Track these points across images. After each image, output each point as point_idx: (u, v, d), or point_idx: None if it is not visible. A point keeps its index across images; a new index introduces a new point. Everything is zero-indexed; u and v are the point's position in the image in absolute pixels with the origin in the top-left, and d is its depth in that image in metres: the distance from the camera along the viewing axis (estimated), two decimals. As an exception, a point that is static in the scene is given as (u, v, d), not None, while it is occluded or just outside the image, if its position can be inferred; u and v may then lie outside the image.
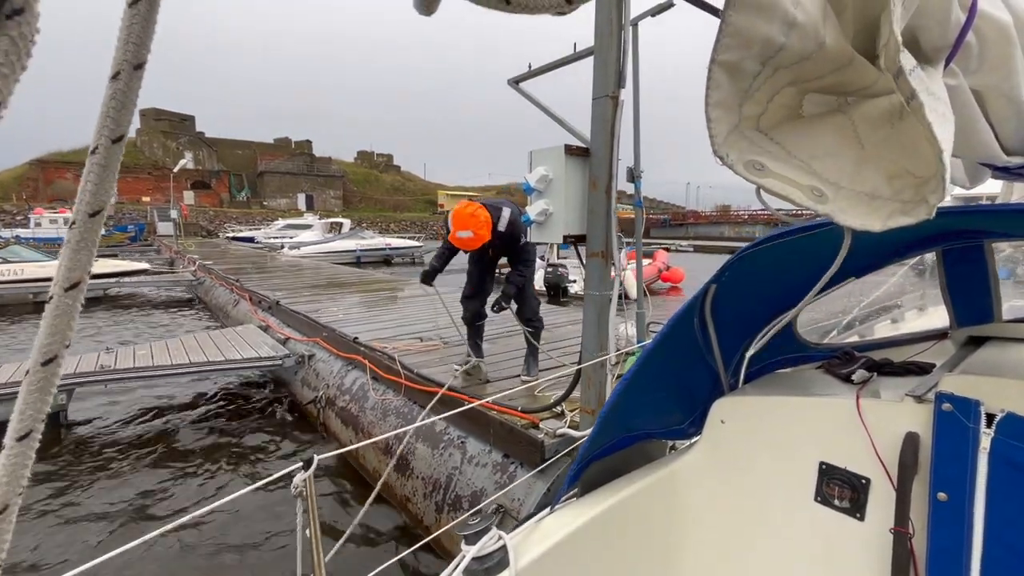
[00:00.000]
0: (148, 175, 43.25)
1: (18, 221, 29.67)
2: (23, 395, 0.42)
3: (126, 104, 0.40)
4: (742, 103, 0.79)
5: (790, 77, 0.77)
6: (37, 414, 0.43)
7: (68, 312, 0.43)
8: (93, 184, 0.41)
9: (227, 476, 4.07)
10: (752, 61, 0.74)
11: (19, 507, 0.44)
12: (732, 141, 0.80)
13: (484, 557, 1.08)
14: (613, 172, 2.36)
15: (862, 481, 1.15)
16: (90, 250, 0.43)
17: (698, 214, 58.33)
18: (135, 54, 0.39)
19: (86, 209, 0.42)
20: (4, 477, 0.42)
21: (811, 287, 1.49)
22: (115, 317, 11.16)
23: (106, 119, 0.40)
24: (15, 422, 0.42)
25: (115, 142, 0.41)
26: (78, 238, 0.42)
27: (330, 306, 7.33)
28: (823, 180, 0.79)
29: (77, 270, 0.42)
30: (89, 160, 0.41)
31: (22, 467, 0.43)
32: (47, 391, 0.43)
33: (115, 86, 0.40)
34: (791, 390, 1.38)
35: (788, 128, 0.83)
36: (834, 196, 0.78)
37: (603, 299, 2.51)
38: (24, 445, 0.42)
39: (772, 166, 0.80)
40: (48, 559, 3.05)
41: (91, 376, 4.80)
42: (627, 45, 2.37)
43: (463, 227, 3.40)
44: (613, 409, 1.31)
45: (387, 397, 4.09)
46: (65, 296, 0.42)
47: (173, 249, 21.77)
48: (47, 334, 0.42)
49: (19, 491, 0.43)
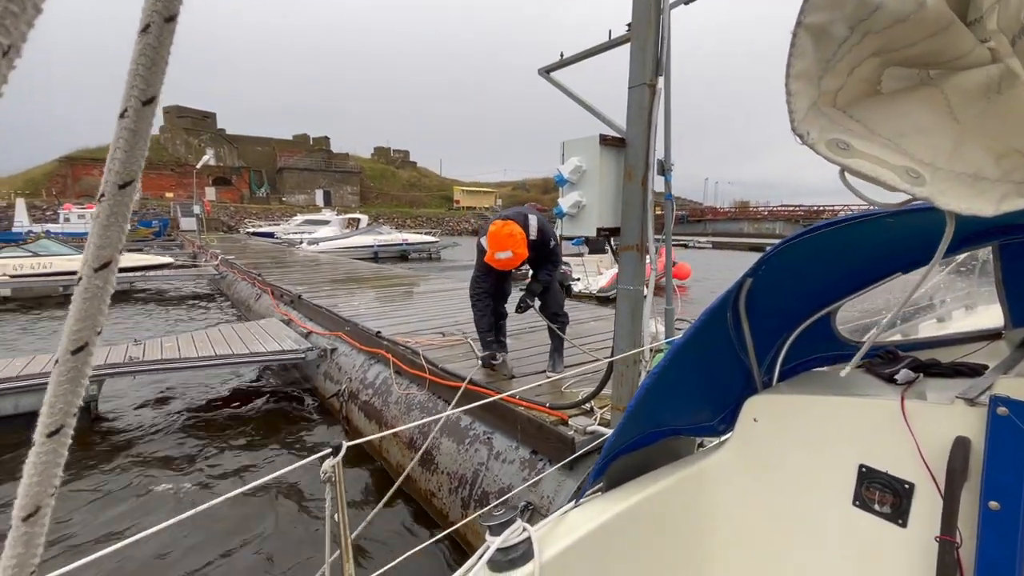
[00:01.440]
0: (171, 171, 44.08)
1: (48, 216, 30.49)
2: (52, 387, 0.39)
3: (157, 61, 0.36)
4: (823, 75, 0.72)
5: (877, 45, 0.71)
6: (68, 407, 0.39)
7: (99, 294, 0.39)
8: (123, 152, 0.37)
9: (252, 465, 4.10)
10: (842, 24, 0.68)
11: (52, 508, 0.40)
12: (812, 118, 0.73)
13: (508, 548, 1.08)
14: (650, 163, 2.30)
15: (905, 486, 1.10)
16: (121, 225, 0.39)
17: (716, 210, 57.59)
18: (166, 5, 0.35)
19: (115, 180, 0.38)
20: (36, 477, 0.39)
21: (855, 281, 1.42)
22: (141, 310, 11.40)
23: (135, 77, 0.36)
24: (45, 416, 0.39)
25: (145, 104, 0.37)
26: (108, 212, 0.38)
27: (349, 300, 7.36)
28: (916, 160, 0.72)
29: (107, 248, 0.39)
30: (118, 125, 0.37)
31: (54, 465, 0.39)
32: (78, 382, 0.39)
33: (144, 40, 0.36)
34: (829, 389, 1.33)
35: (868, 105, 0.77)
36: (932, 177, 0.71)
37: (637, 294, 2.45)
38: (55, 441, 0.39)
39: (858, 145, 0.73)
40: (82, 540, 3.10)
41: (120, 367, 4.88)
42: (666, 31, 2.30)
43: (502, 248, 3.29)
44: (640, 404, 1.28)
45: (411, 391, 4.08)
46: (95, 277, 0.39)
47: (196, 244, 22.16)
48: (77, 319, 0.39)
49: (51, 491, 0.40)
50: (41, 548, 0.40)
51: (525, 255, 3.35)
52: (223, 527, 3.21)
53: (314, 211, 39.16)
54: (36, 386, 4.54)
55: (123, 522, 3.34)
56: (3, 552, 0.39)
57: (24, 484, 0.39)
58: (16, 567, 0.39)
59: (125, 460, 4.19)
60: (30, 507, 0.39)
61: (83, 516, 3.42)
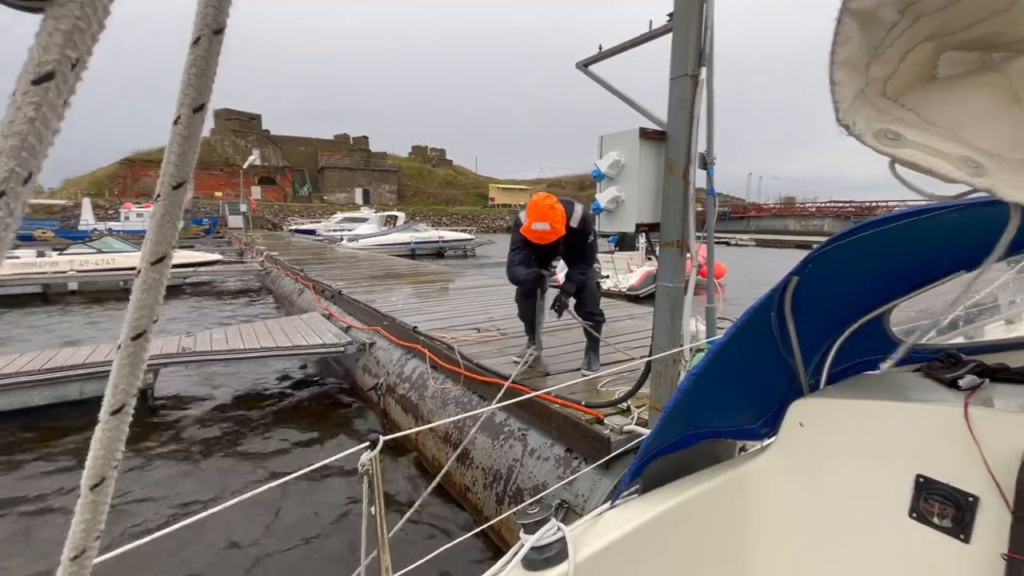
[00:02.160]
0: (220, 171, 46.20)
1: (110, 215, 32.53)
2: (115, 369, 0.43)
3: (207, 71, 0.39)
4: (870, 62, 0.68)
5: (932, 28, 0.66)
6: (129, 388, 0.43)
7: (155, 286, 0.43)
8: (176, 155, 0.41)
9: (292, 455, 4.25)
10: (890, 7, 0.63)
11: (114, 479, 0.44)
12: (858, 107, 0.69)
13: (543, 547, 1.08)
14: (692, 156, 2.23)
15: (968, 499, 1.03)
16: (174, 223, 0.43)
17: (760, 206, 55.59)
18: (215, 18, 0.39)
19: (170, 181, 0.41)
20: (101, 451, 0.43)
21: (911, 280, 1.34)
22: (193, 304, 11.99)
23: (187, 87, 0.39)
24: (109, 396, 0.43)
25: (196, 111, 0.40)
26: (162, 211, 0.42)
27: (388, 296, 7.50)
28: (976, 149, 0.67)
29: (162, 244, 0.42)
30: (172, 131, 0.40)
31: (117, 440, 0.43)
32: (137, 365, 0.43)
33: (195, 52, 0.39)
34: (883, 394, 1.25)
35: (922, 92, 0.72)
36: (994, 167, 0.65)
37: (676, 291, 2.39)
38: (118, 419, 0.43)
39: (910, 135, 0.68)
40: (140, 517, 3.29)
41: (174, 357, 5.14)
42: (709, 20, 2.22)
43: (541, 218, 3.22)
44: (679, 404, 1.24)
45: (446, 386, 4.12)
46: (152, 270, 0.42)
47: (242, 241, 23.13)
48: (136, 308, 0.42)
49: (114, 464, 0.44)
50: (105, 515, 0.44)
51: (562, 232, 3.29)
52: (262, 516, 3.33)
53: (353, 209, 40.16)
54: (99, 373, 4.85)
55: (170, 504, 3.52)
56: (74, 517, 0.43)
57: (91, 457, 0.43)
58: (84, 531, 0.43)
59: (176, 445, 4.42)
60: (96, 477, 0.43)
61: (138, 494, 3.63)
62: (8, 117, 0.28)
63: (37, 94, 0.28)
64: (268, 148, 50.64)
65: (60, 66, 0.28)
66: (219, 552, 3.01)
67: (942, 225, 1.08)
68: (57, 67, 0.28)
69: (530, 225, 3.27)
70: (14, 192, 0.28)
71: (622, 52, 2.66)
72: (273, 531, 3.21)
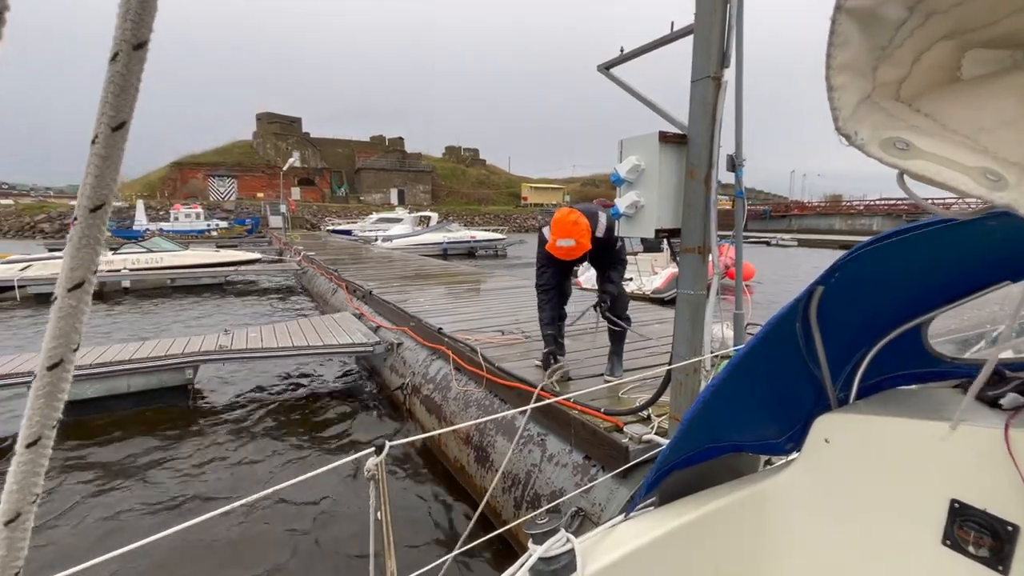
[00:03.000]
0: (262, 173, 48.01)
1: (161, 216, 34.29)
2: (31, 401, 0.41)
3: (126, 88, 0.37)
4: (877, 65, 0.63)
5: (948, 27, 0.60)
6: (46, 420, 0.41)
7: (73, 313, 0.41)
8: (93, 177, 0.38)
9: (315, 453, 4.37)
10: (896, 5, 0.58)
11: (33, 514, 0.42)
12: (862, 115, 0.64)
13: (551, 559, 1.05)
14: (714, 160, 2.16)
15: (1008, 528, 0.96)
16: (94, 248, 0.40)
17: (803, 205, 53.45)
18: (134, 32, 0.36)
19: (87, 204, 0.39)
20: (15, 485, 0.41)
21: (950, 291, 1.25)
22: (232, 302, 12.49)
23: (105, 105, 0.37)
24: (24, 429, 0.41)
25: (115, 130, 0.38)
26: (80, 235, 0.39)
27: (417, 296, 7.61)
28: (999, 160, 0.61)
29: (80, 269, 0.40)
30: (90, 151, 0.38)
31: (33, 474, 0.41)
32: (55, 396, 0.41)
33: (114, 68, 0.37)
34: (916, 411, 1.18)
35: (942, 95, 0.66)
36: (1018, 180, 0.59)
37: (697, 298, 2.32)
38: (34, 452, 0.41)
39: (922, 144, 0.63)
40: (164, 505, 3.46)
41: (212, 355, 5.38)
42: (733, 20, 2.15)
43: (566, 235, 3.21)
44: (698, 415, 1.20)
45: (469, 388, 4.15)
46: (68, 297, 0.40)
47: (282, 241, 23.93)
48: (52, 337, 0.40)
49: (32, 499, 0.42)
50: (24, 551, 0.42)
51: (588, 247, 3.27)
52: (275, 515, 3.41)
53: (389, 209, 40.99)
54: (144, 368, 5.11)
55: (200, 493, 3.68)
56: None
57: (6, 491, 0.41)
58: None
59: (213, 437, 4.62)
60: (11, 513, 0.41)
61: (175, 483, 3.81)
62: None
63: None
64: (307, 150, 52.27)
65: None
66: (223, 555, 3.08)
67: (983, 232, 1.00)
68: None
69: (555, 243, 3.26)
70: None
71: (644, 54, 2.61)
72: (280, 533, 3.27)
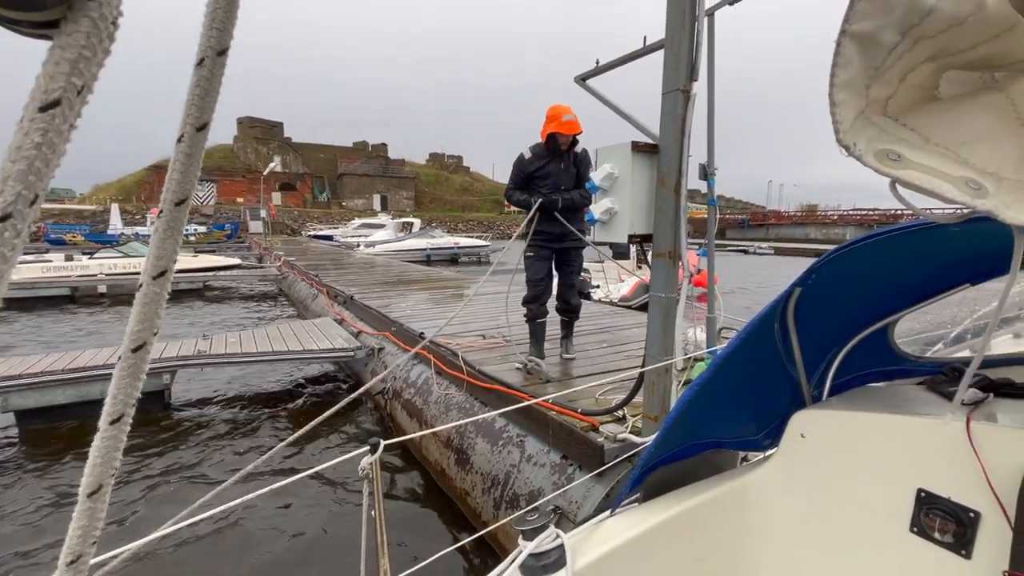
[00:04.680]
0: (242, 178, 47.25)
1: (137, 220, 33.52)
2: (115, 380, 0.44)
3: (209, 91, 0.40)
4: (870, 84, 0.69)
5: (932, 50, 0.66)
6: (128, 398, 0.44)
7: (156, 300, 0.44)
8: (179, 173, 0.42)
9: (298, 457, 4.35)
10: (891, 31, 0.64)
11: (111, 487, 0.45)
12: (858, 128, 0.70)
13: (541, 554, 1.09)
14: (683, 169, 2.27)
15: (970, 515, 1.02)
16: (176, 239, 0.44)
17: (780, 214, 54.76)
18: (218, 40, 0.39)
19: (172, 198, 0.42)
20: (99, 459, 0.43)
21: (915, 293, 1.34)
22: (211, 307, 12.29)
23: (191, 107, 0.40)
24: (108, 406, 0.44)
25: (199, 130, 0.41)
26: (165, 227, 0.43)
27: (399, 302, 7.61)
28: (978, 170, 0.67)
29: (164, 258, 0.44)
30: (176, 149, 0.41)
31: (115, 449, 0.44)
32: (137, 376, 0.44)
33: (199, 73, 0.40)
34: (884, 406, 1.25)
35: (923, 112, 0.72)
36: (996, 189, 0.65)
37: (669, 301, 2.42)
38: (116, 428, 0.44)
39: (911, 155, 0.69)
40: (142, 518, 3.41)
41: (191, 360, 5.31)
42: (701, 36, 2.26)
43: (567, 111, 3.55)
44: (682, 414, 1.25)
45: (450, 392, 4.19)
46: (153, 284, 0.44)
47: (262, 246, 23.62)
48: (137, 322, 0.44)
49: (112, 472, 0.44)
50: (102, 522, 0.45)
51: (580, 129, 3.60)
52: (264, 517, 3.41)
53: (371, 215, 40.67)
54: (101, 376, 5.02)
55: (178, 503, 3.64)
56: (71, 524, 0.44)
57: (89, 464, 0.44)
58: (81, 537, 0.44)
59: (190, 443, 4.56)
60: (94, 485, 0.44)
61: (145, 493, 3.75)
62: (16, 142, 0.28)
63: (44, 120, 0.28)
64: (289, 155, 51.67)
65: (66, 93, 0.28)
66: (216, 554, 3.08)
67: (946, 237, 1.08)
68: (63, 94, 0.28)
69: (562, 118, 3.55)
70: (20, 214, 0.28)
71: (619, 67, 2.72)
72: (272, 534, 3.28)
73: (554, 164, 3.73)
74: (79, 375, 4.90)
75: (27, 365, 5.00)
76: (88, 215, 34.87)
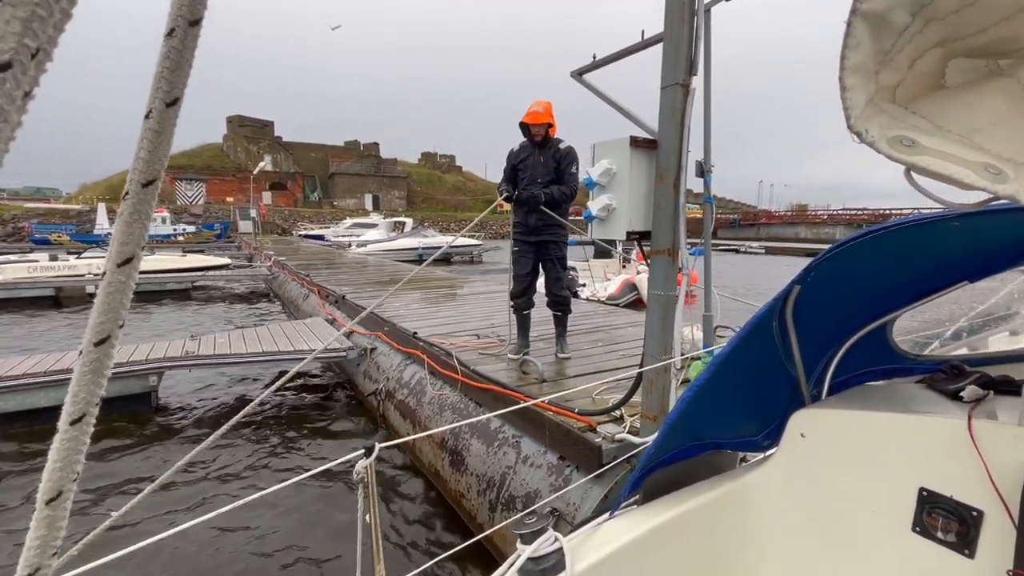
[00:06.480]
0: (232, 177, 46.79)
1: (124, 219, 33.02)
2: (76, 377, 0.40)
3: (181, 64, 0.37)
4: (880, 69, 0.67)
5: (941, 34, 0.65)
6: (91, 396, 0.40)
7: (121, 289, 0.40)
8: (147, 152, 0.38)
9: (290, 459, 4.27)
10: (902, 10, 0.62)
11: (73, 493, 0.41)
12: (870, 114, 0.68)
13: (540, 558, 1.06)
14: (682, 164, 2.23)
15: (973, 513, 1.01)
16: (143, 223, 0.40)
17: (771, 214, 55.27)
18: (190, 9, 0.36)
19: (139, 179, 0.39)
20: (59, 463, 0.40)
21: (914, 290, 1.31)
22: (200, 307, 12.12)
23: (160, 80, 0.37)
24: (68, 405, 0.40)
25: (169, 106, 0.38)
26: (131, 210, 0.39)
27: (392, 302, 7.54)
28: (995, 156, 0.65)
29: (130, 244, 0.40)
30: (143, 125, 0.38)
31: (76, 452, 0.41)
32: (101, 372, 0.40)
33: (170, 44, 0.37)
34: (884, 405, 1.24)
35: (931, 100, 0.70)
36: (1016, 174, 0.63)
37: (667, 299, 2.38)
38: (78, 429, 0.40)
39: (926, 142, 0.67)
40: (134, 521, 3.32)
41: (178, 361, 5.20)
42: (700, 30, 2.23)
43: (537, 104, 3.79)
44: (681, 416, 1.23)
45: (444, 392, 4.13)
46: (118, 272, 0.40)
47: (252, 246, 23.39)
48: (100, 313, 0.40)
49: (73, 477, 0.41)
50: (63, 530, 0.41)
51: (548, 119, 3.77)
52: (258, 522, 3.34)
53: (363, 215, 40.45)
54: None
55: (168, 508, 3.55)
56: (28, 533, 0.41)
57: (48, 470, 0.40)
58: (39, 548, 0.41)
59: (178, 446, 4.46)
60: (53, 491, 0.40)
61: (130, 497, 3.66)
62: None
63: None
64: (280, 154, 51.25)
65: (18, 55, 0.26)
66: (208, 561, 3.01)
67: (945, 234, 1.07)
68: (15, 56, 0.26)
69: (531, 108, 3.78)
70: None
71: (616, 61, 2.68)
72: (266, 539, 3.21)
73: (533, 157, 3.85)
74: (62, 377, 4.78)
75: (8, 367, 4.87)
76: (74, 215, 34.33)
